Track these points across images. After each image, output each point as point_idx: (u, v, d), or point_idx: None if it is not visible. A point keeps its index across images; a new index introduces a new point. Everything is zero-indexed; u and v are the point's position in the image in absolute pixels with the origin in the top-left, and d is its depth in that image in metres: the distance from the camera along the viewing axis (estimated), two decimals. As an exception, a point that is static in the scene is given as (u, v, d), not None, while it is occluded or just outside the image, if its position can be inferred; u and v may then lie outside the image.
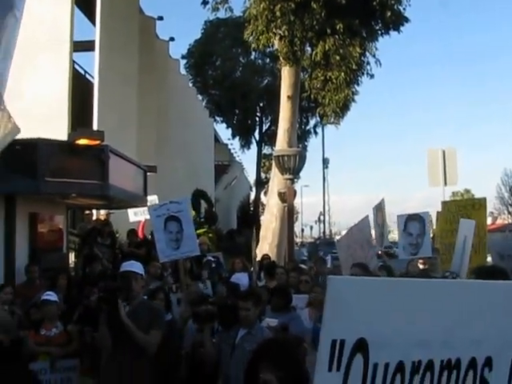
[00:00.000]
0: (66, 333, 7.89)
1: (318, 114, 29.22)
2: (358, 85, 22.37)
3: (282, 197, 18.25)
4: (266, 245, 19.59)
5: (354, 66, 20.47)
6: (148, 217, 14.56)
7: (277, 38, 19.51)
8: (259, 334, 6.18)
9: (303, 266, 14.95)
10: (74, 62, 14.39)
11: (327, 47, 19.03)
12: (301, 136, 33.87)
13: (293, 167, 14.60)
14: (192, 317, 7.23)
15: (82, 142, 9.65)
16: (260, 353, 3.68)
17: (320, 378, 2.26)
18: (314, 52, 19.72)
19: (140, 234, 15.69)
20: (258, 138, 44.10)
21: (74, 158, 9.88)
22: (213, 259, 11.85)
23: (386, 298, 2.34)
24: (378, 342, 2.34)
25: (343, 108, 22.62)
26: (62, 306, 8.36)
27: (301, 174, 25.74)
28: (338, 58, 19.98)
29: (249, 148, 44.68)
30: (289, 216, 14.55)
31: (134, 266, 6.84)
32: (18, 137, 9.54)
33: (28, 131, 9.57)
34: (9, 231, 10.23)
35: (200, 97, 37.92)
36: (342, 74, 20.52)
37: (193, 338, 7.48)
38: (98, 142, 9.78)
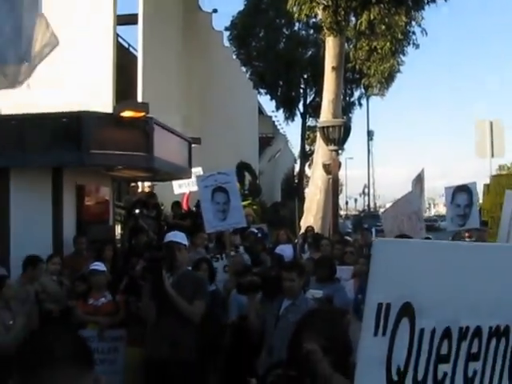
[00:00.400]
0: (113, 303, 8.00)
1: (362, 85, 28.96)
2: (403, 55, 22.05)
3: (326, 168, 18.12)
4: (310, 217, 19.50)
5: (399, 36, 20.15)
6: (193, 189, 14.67)
7: (320, 7, 19.22)
8: (303, 305, 6.14)
9: (348, 238, 14.92)
10: (117, 35, 14.42)
11: (372, 16, 18.66)
12: (345, 108, 33.52)
13: (337, 138, 14.44)
14: (236, 287, 7.25)
15: (127, 114, 9.70)
16: (304, 323, 3.67)
17: (366, 343, 2.22)
18: (359, 21, 19.37)
19: (185, 206, 15.79)
20: (302, 109, 43.79)
21: (119, 130, 9.93)
22: (256, 231, 11.84)
23: (434, 261, 2.28)
24: (425, 306, 2.29)
25: (388, 78, 22.36)
26: (109, 276, 8.44)
27: (345, 147, 25.61)
28: (383, 27, 19.71)
29: (293, 120, 44.50)
30: (333, 188, 14.46)
31: (178, 237, 6.88)
32: (64, 110, 9.70)
33: (73, 104, 9.69)
34: (56, 203, 10.41)
35: (243, 69, 37.73)
36: (388, 43, 20.25)
37: (238, 309, 7.53)
38: (142, 114, 9.81)
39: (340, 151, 19.23)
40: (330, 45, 20.62)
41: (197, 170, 14.25)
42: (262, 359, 6.18)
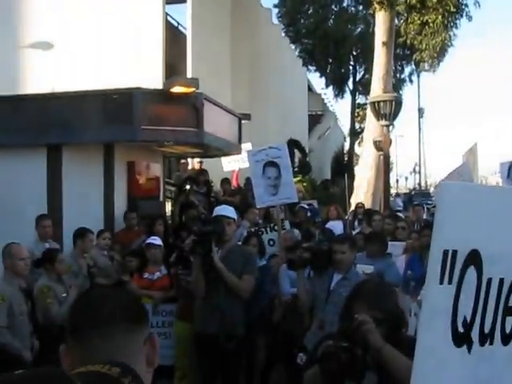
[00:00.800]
0: (168, 277, 8.06)
1: (413, 61, 28.51)
2: (456, 28, 21.62)
3: (377, 145, 17.99)
4: (360, 194, 19.36)
5: (451, 8, 19.74)
6: (242, 165, 14.69)
7: (371, -19, 19.02)
8: (355, 280, 6.07)
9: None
10: (166, 14, 14.47)
11: (423, -10, 18.40)
12: (395, 85, 33.11)
13: (389, 113, 14.27)
14: (287, 263, 7.22)
15: (177, 89, 9.72)
16: (356, 294, 3.62)
17: (431, 292, 2.15)
18: (410, -5, 19.12)
19: (234, 183, 15.82)
20: (351, 87, 43.42)
21: (169, 105, 9.98)
22: (307, 206, 11.79)
23: (503, 207, 2.18)
24: (493, 254, 2.19)
25: (440, 53, 21.95)
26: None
27: (395, 124, 25.27)
28: (434, 0, 19.31)
29: (342, 97, 44.26)
30: (384, 163, 14.31)
31: (227, 210, 6.86)
32: (115, 86, 9.78)
33: (124, 81, 9.77)
34: (108, 179, 10.54)
35: (292, 46, 37.52)
36: (440, 16, 19.84)
37: (289, 284, 7.50)
38: (192, 90, 9.82)
39: (391, 128, 19.01)
40: (380, 20, 20.34)
41: (246, 146, 14.23)
42: (311, 334, 6.16)
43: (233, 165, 15.30)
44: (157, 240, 8.33)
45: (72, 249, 8.69)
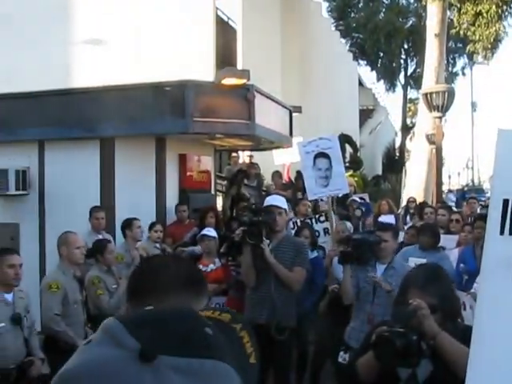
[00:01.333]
0: (222, 269, 8.04)
1: (467, 53, 28.08)
2: (511, 17, 21.25)
3: (429, 139, 17.80)
4: (411, 189, 19.16)
5: (506, -2, 19.49)
6: (293, 159, 14.66)
7: (423, -28, 18.81)
8: (401, 269, 5.99)
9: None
10: (217, 8, 14.54)
11: (477, -21, 18.11)
12: (447, 78, 32.74)
13: (441, 104, 14.06)
14: (338, 255, 7.15)
15: (228, 81, 9.72)
16: (411, 279, 3.60)
17: (491, 243, 2.08)
18: (464, -15, 18.86)
19: (286, 177, 15.82)
20: (403, 81, 43.00)
21: (221, 97, 9.99)
22: (359, 200, 11.72)
23: None
24: None
25: (494, 44, 21.58)
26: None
27: (447, 119, 24.88)
28: (489, -11, 19.05)
29: (394, 91, 43.89)
30: (437, 156, 14.09)
31: (278, 200, 6.85)
32: (168, 79, 9.85)
33: (176, 74, 9.82)
34: (159, 172, 10.60)
35: (343, 40, 37.34)
36: (494, 6, 19.50)
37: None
38: (243, 81, 9.81)
39: (443, 122, 18.77)
40: (433, 11, 20.17)
41: (298, 139, 14.18)
42: (352, 330, 6.09)
43: (284, 158, 15.26)
44: (211, 231, 8.34)
45: (123, 241, 8.79)
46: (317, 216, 9.24)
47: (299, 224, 9.00)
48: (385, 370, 3.20)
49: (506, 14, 20.58)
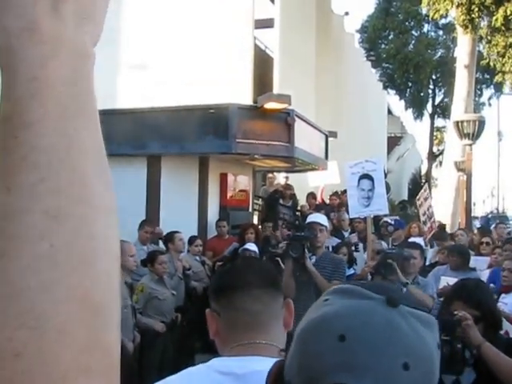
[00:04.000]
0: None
1: (494, 84, 28.39)
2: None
3: (457, 166, 18.23)
4: (438, 215, 19.46)
5: (536, 30, 19.84)
6: (328, 182, 15.15)
7: (454, 5, 19.26)
8: (424, 285, 6.85)
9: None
10: (255, 37, 15.07)
11: (508, 12, 18.51)
12: (474, 108, 33.13)
13: (472, 133, 14.47)
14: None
15: (271, 105, 10.14)
16: (455, 292, 3.84)
17: None
18: (494, 18, 19.24)
19: (319, 199, 16.25)
20: (430, 110, 43.44)
21: (262, 120, 10.42)
22: (391, 221, 12.07)
23: None
24: None
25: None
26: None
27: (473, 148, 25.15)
28: (519, 22, 19.44)
29: (421, 120, 44.40)
30: (467, 182, 14.46)
31: (319, 218, 7.23)
32: (212, 102, 10.36)
33: (219, 97, 10.33)
34: (202, 189, 11.03)
35: (373, 70, 37.85)
36: (523, 38, 19.95)
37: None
38: (285, 106, 10.27)
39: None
40: (463, 43, 20.61)
41: (333, 163, 14.65)
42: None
43: (319, 180, 15.67)
44: (252, 246, 8.76)
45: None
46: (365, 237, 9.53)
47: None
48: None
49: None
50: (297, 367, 1.12)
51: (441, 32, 40.19)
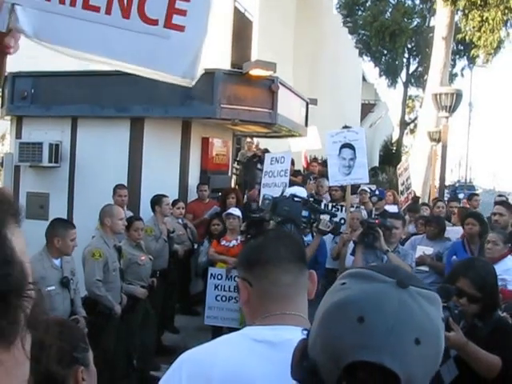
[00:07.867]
0: (243, 245, 8.45)
1: (469, 56, 28.67)
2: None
3: (430, 136, 18.64)
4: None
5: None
6: (309, 147, 15.33)
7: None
8: (403, 253, 7.11)
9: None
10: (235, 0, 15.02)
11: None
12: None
13: (449, 105, 14.71)
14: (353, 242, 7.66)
15: (256, 72, 10.16)
16: (462, 270, 4.01)
17: None
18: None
19: (304, 164, 16.52)
20: (404, 78, 43.74)
21: (247, 87, 10.44)
22: (367, 189, 12.26)
23: None
24: None
25: (496, 49, 22.22)
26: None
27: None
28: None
29: (395, 88, 44.81)
30: (443, 153, 14.72)
31: (301, 192, 7.45)
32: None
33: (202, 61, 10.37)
34: (184, 153, 11.08)
35: (350, 37, 37.91)
36: (499, 13, 20.11)
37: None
38: (270, 73, 10.30)
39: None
40: (441, 15, 20.82)
41: (312, 129, 14.81)
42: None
43: (301, 145, 15.82)
44: (236, 211, 8.97)
45: (152, 215, 9.28)
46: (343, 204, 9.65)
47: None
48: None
49: (510, 20, 21.18)
50: (320, 346, 1.28)
51: (417, 1, 40.34)
